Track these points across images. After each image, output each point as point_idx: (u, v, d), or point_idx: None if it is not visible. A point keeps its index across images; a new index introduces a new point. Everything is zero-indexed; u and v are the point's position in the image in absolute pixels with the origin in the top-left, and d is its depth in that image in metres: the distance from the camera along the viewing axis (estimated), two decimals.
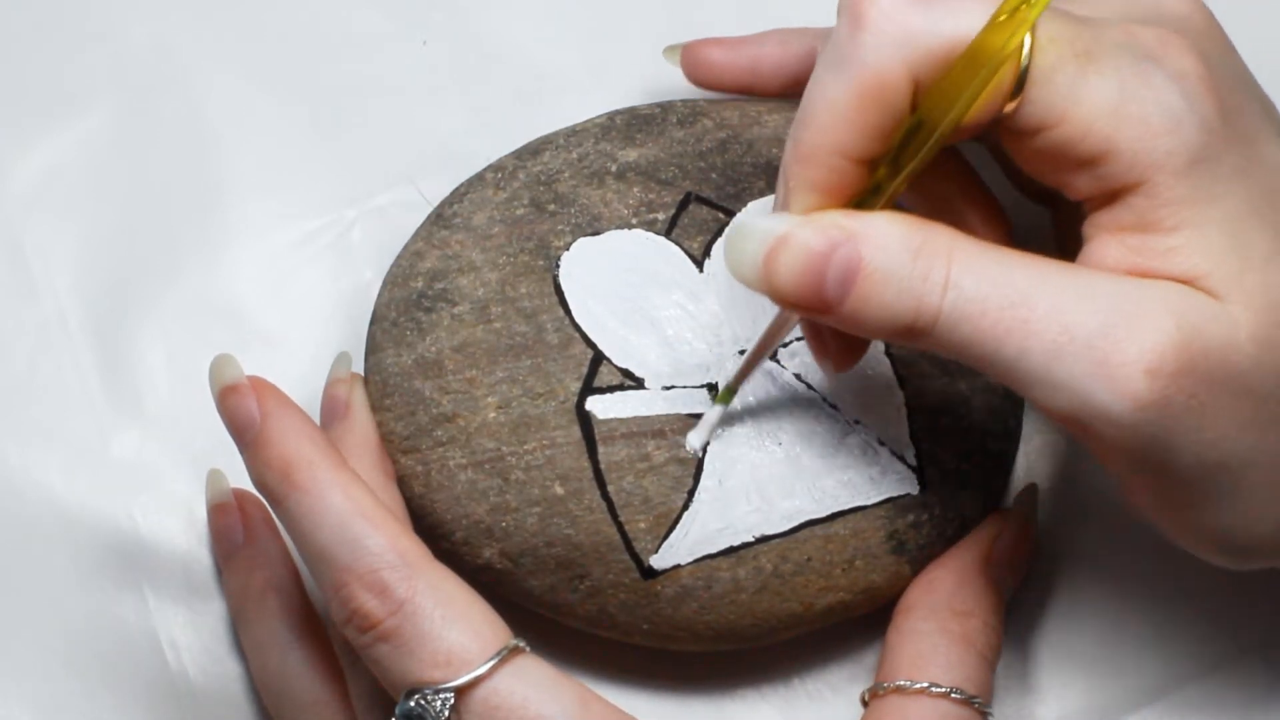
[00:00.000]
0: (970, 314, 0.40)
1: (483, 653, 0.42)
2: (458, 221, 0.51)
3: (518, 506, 0.48)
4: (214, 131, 0.56)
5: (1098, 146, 0.41)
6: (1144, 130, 0.41)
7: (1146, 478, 0.42)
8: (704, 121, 0.52)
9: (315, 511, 0.44)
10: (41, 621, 0.52)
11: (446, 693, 0.42)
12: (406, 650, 0.42)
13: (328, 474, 0.44)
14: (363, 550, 0.43)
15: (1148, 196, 0.41)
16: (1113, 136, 0.41)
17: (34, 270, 0.55)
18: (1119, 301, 0.40)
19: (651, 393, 0.49)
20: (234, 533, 0.51)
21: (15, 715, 0.51)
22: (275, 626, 0.49)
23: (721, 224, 0.51)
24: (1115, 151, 0.41)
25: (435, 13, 0.57)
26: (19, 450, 0.53)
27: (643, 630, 0.49)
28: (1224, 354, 0.40)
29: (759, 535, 0.48)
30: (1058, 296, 0.40)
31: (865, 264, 0.41)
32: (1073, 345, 0.40)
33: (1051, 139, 0.41)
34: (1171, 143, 0.40)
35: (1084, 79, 0.41)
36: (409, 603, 0.43)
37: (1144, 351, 0.39)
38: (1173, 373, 0.40)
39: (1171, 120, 0.41)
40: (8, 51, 0.56)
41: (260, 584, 0.50)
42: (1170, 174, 0.41)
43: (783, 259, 0.42)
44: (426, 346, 0.50)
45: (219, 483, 0.52)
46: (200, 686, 0.52)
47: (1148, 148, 0.41)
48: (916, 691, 0.46)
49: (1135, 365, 0.39)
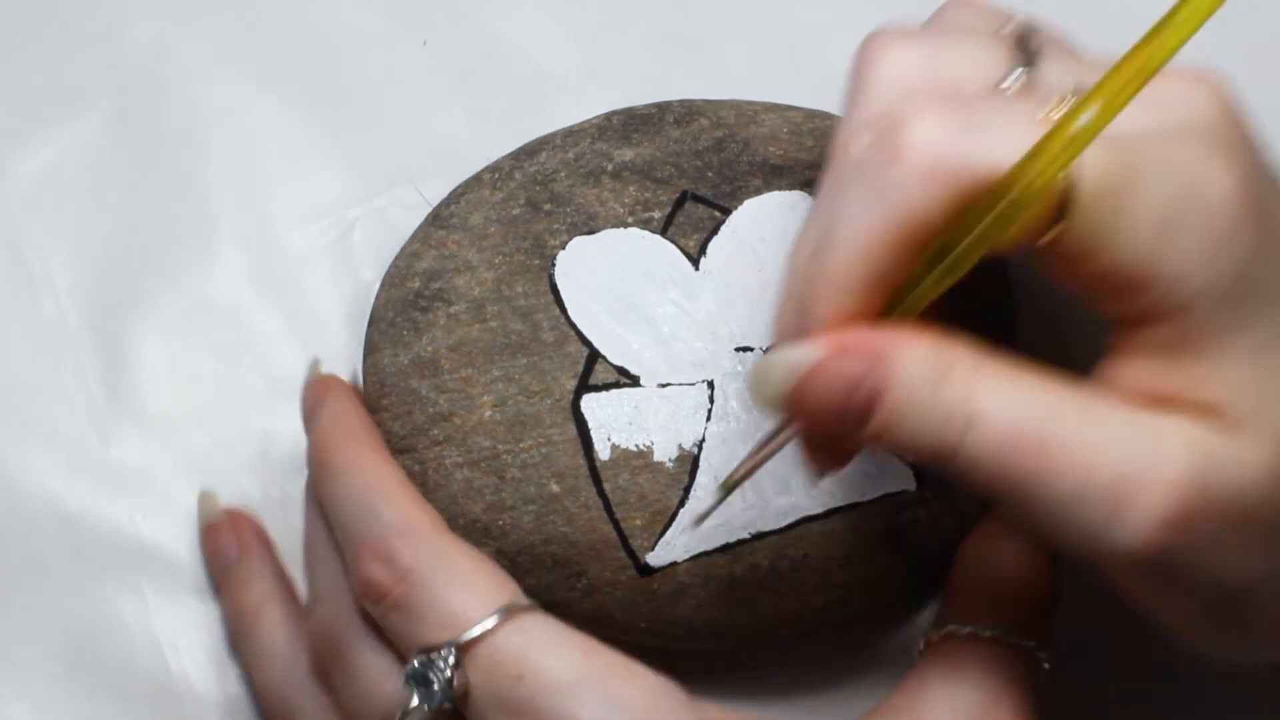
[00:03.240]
0: (989, 453, 0.40)
1: (484, 610, 0.43)
2: (454, 222, 0.51)
3: (514, 505, 0.48)
4: (214, 132, 0.56)
5: (1137, 277, 0.40)
6: (1185, 262, 0.39)
7: (1153, 599, 0.42)
8: (700, 120, 0.52)
9: (339, 491, 0.46)
10: (41, 621, 0.52)
11: (450, 650, 0.43)
12: (415, 616, 0.43)
13: (353, 455, 0.47)
14: (374, 523, 0.45)
15: (1181, 325, 0.40)
16: (1154, 269, 0.39)
17: (34, 270, 0.55)
18: (1136, 444, 0.39)
19: (647, 390, 0.49)
20: (227, 551, 0.51)
21: (15, 715, 0.51)
22: (274, 640, 0.49)
23: (718, 222, 0.51)
24: (1155, 284, 0.40)
25: (435, 13, 0.57)
26: (19, 451, 0.53)
27: (640, 628, 0.49)
28: (1238, 494, 0.40)
29: (755, 532, 0.48)
30: (1079, 434, 0.39)
31: (888, 395, 0.40)
32: (1090, 492, 0.39)
33: (1089, 268, 0.40)
34: (1211, 275, 0.39)
35: (1126, 210, 0.39)
36: (414, 570, 0.44)
37: (1158, 502, 0.39)
38: (1186, 519, 0.39)
39: (1212, 253, 0.39)
40: (8, 51, 0.57)
41: (256, 599, 0.50)
42: (1208, 304, 0.40)
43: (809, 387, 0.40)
44: (423, 346, 0.50)
45: (210, 503, 0.52)
46: (200, 687, 0.52)
47: (1187, 279, 0.39)
48: (968, 636, 0.46)
49: (1151, 513, 0.39)
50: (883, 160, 0.40)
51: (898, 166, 0.39)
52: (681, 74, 0.54)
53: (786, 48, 0.57)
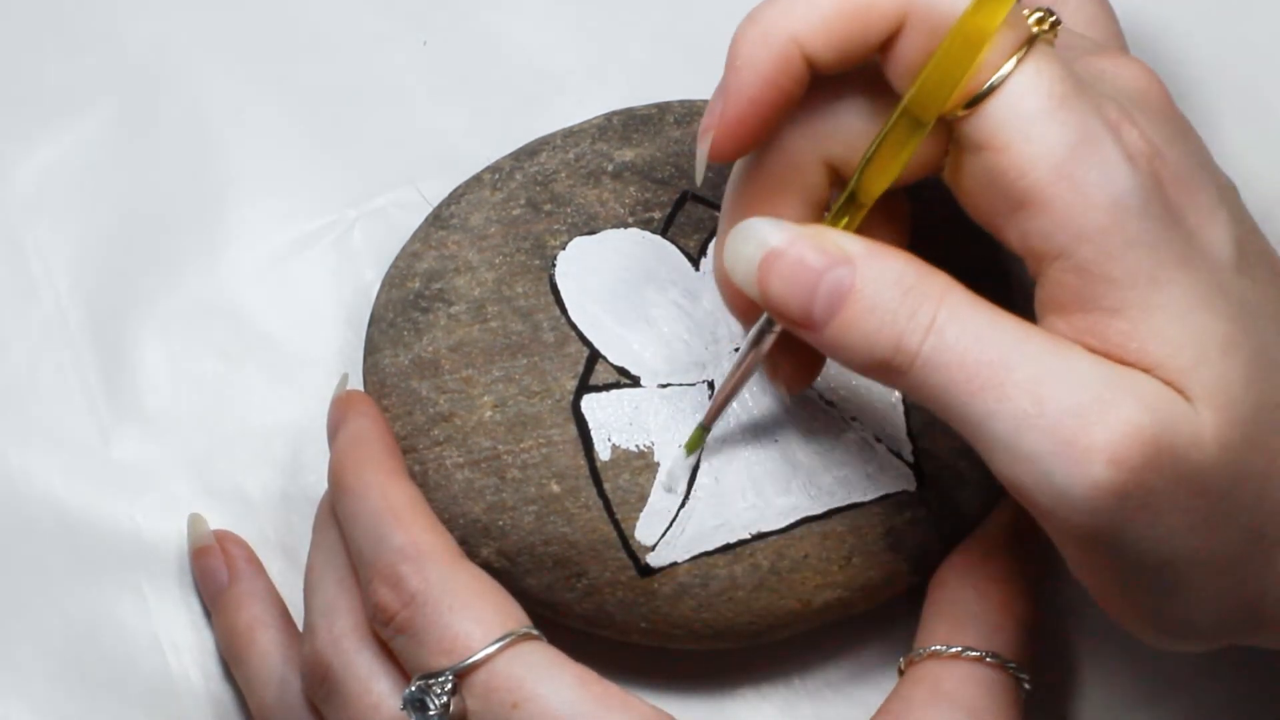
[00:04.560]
0: (947, 363, 0.40)
1: (485, 638, 0.43)
2: (454, 222, 0.51)
3: (514, 505, 0.48)
4: (214, 131, 0.56)
5: (1028, 192, 0.40)
6: (1079, 196, 0.39)
7: (1092, 559, 0.41)
8: (700, 121, 0.52)
9: (353, 513, 0.46)
10: (41, 621, 0.52)
11: (447, 676, 0.43)
12: (417, 640, 0.44)
13: (369, 477, 0.47)
14: (385, 547, 0.45)
15: (1078, 273, 0.40)
16: (1046, 189, 0.40)
17: (34, 270, 0.55)
18: (1095, 384, 0.39)
19: (648, 390, 0.49)
20: (218, 574, 0.51)
21: (15, 715, 0.51)
22: (266, 662, 0.49)
23: (718, 222, 0.51)
24: (1044, 204, 0.40)
25: (435, 13, 0.57)
26: (19, 450, 0.53)
27: (640, 629, 0.49)
28: (1188, 453, 0.39)
29: (756, 532, 0.48)
30: (1037, 366, 0.39)
31: (856, 290, 0.40)
32: (1042, 419, 0.39)
33: (988, 164, 0.40)
34: (1105, 219, 0.39)
35: (1044, 121, 0.40)
36: (420, 594, 0.44)
37: (1111, 439, 0.39)
38: (1136, 466, 0.39)
39: (1110, 196, 0.39)
40: (8, 51, 0.57)
41: (247, 621, 0.50)
42: (1101, 251, 0.39)
43: (778, 268, 0.41)
44: (423, 346, 0.50)
45: (199, 526, 0.52)
46: (201, 687, 0.52)
47: (1078, 215, 0.39)
48: (950, 656, 0.46)
49: (1101, 452, 0.39)
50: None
51: None
52: (681, 74, 0.54)
53: None
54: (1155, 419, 0.39)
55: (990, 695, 0.45)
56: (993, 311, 0.41)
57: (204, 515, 0.52)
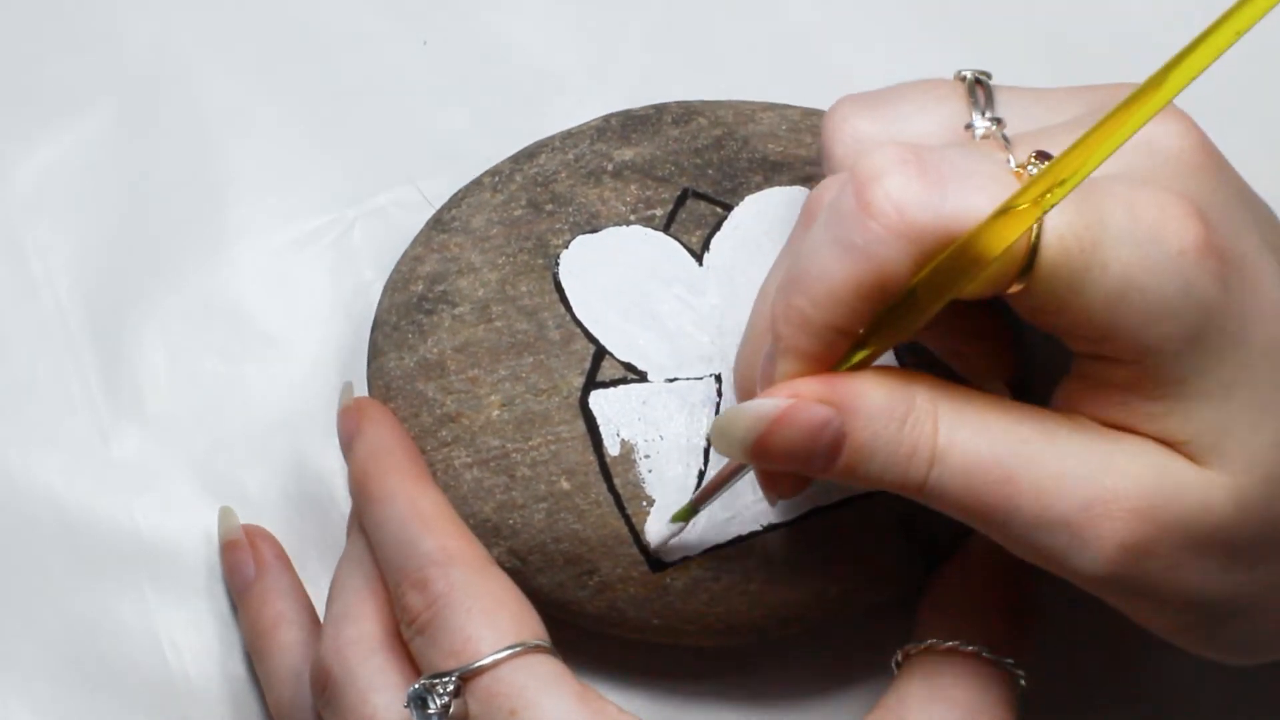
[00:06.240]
0: (955, 488, 0.41)
1: (495, 644, 0.44)
2: (456, 225, 0.51)
3: (524, 503, 0.48)
4: (214, 131, 0.56)
5: (1097, 333, 0.41)
6: (1143, 318, 0.40)
7: (1127, 603, 0.43)
8: (699, 120, 0.53)
9: (381, 521, 0.47)
10: (41, 621, 0.52)
11: (452, 678, 0.43)
12: (432, 641, 0.44)
13: (394, 484, 0.47)
14: (413, 552, 0.45)
15: (1139, 371, 0.41)
16: (1113, 326, 0.40)
17: (34, 270, 0.54)
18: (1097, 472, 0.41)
19: (655, 385, 0.50)
20: (245, 568, 0.51)
21: (15, 715, 0.51)
22: (288, 659, 0.49)
23: (720, 218, 0.51)
24: (1113, 338, 0.41)
25: (435, 13, 0.58)
26: (19, 450, 0.53)
27: (653, 625, 0.49)
28: (1198, 518, 0.41)
29: (767, 524, 0.48)
30: (1039, 469, 0.41)
31: (850, 439, 0.41)
32: (1052, 519, 0.41)
33: (1052, 320, 0.41)
34: (1169, 328, 0.40)
35: (1087, 272, 0.40)
36: (443, 596, 0.44)
37: (1117, 529, 0.41)
38: (1144, 544, 0.41)
39: (1170, 308, 0.40)
40: (8, 51, 0.56)
41: (271, 617, 0.50)
42: (1166, 356, 0.40)
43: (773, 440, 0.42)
44: (428, 348, 0.50)
45: (229, 520, 0.52)
46: (200, 686, 0.51)
47: (1145, 333, 0.40)
48: (946, 650, 0.46)
49: (1109, 539, 0.41)
50: (854, 214, 0.40)
51: (869, 222, 0.40)
52: (681, 74, 0.54)
53: (784, 48, 0.58)
54: (1160, 494, 0.41)
55: (986, 691, 0.46)
56: (986, 415, 0.42)
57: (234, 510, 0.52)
